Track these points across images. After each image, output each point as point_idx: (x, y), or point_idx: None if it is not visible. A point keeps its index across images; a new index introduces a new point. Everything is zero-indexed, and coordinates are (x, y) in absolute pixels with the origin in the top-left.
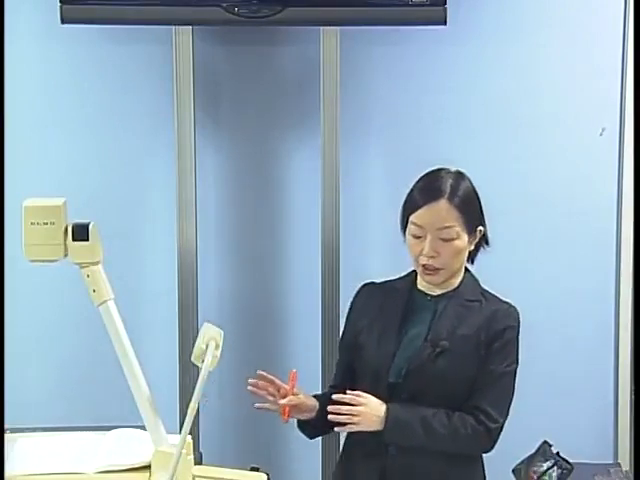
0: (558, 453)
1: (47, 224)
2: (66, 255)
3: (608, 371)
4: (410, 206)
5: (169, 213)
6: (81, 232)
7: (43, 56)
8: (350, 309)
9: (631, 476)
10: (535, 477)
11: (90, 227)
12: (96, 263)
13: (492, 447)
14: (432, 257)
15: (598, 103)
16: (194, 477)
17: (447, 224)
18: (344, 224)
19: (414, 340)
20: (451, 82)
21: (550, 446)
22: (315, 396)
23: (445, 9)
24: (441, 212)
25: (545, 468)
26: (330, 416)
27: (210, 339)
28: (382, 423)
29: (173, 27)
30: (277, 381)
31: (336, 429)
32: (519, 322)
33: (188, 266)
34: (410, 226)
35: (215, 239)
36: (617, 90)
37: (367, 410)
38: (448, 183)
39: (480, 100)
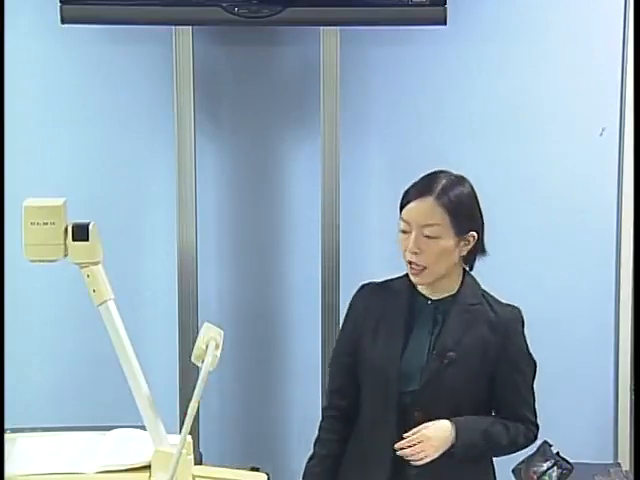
0: (558, 453)
1: (47, 224)
2: (66, 255)
3: (608, 371)
4: (402, 202)
5: (169, 213)
6: (81, 232)
7: (43, 56)
8: (349, 310)
9: (631, 476)
10: (535, 477)
11: (90, 227)
12: (96, 263)
13: None
14: (415, 253)
15: (598, 103)
16: (194, 477)
17: (431, 221)
18: (344, 224)
19: (418, 348)
20: (451, 82)
21: (550, 446)
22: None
23: (445, 9)
24: (427, 209)
25: (545, 468)
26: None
27: (210, 339)
28: (449, 443)
29: (173, 27)
30: None
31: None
32: (524, 322)
33: (188, 266)
34: (399, 221)
35: (215, 239)
36: (617, 90)
37: (432, 439)
38: (441, 183)
39: (480, 100)
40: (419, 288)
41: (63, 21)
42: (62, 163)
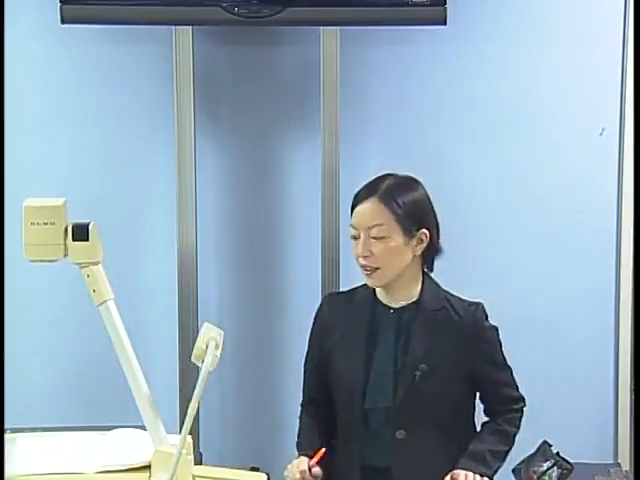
0: (558, 453)
1: (47, 224)
2: (66, 255)
3: (608, 371)
4: (351, 207)
5: (169, 213)
6: (81, 232)
7: (43, 56)
8: (314, 324)
9: (631, 476)
10: (535, 477)
11: (90, 227)
12: (96, 263)
13: None
14: (366, 256)
15: (598, 103)
16: (194, 477)
17: (376, 222)
18: (344, 224)
19: (384, 362)
20: (451, 82)
21: (550, 446)
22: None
23: (445, 9)
24: (370, 210)
25: (545, 468)
26: None
27: (210, 339)
28: None
29: (173, 27)
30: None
31: None
32: (487, 314)
33: (188, 266)
34: (349, 228)
35: (215, 239)
36: (617, 90)
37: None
38: (385, 183)
39: (480, 100)
40: (380, 296)
41: (63, 21)
42: (62, 163)
